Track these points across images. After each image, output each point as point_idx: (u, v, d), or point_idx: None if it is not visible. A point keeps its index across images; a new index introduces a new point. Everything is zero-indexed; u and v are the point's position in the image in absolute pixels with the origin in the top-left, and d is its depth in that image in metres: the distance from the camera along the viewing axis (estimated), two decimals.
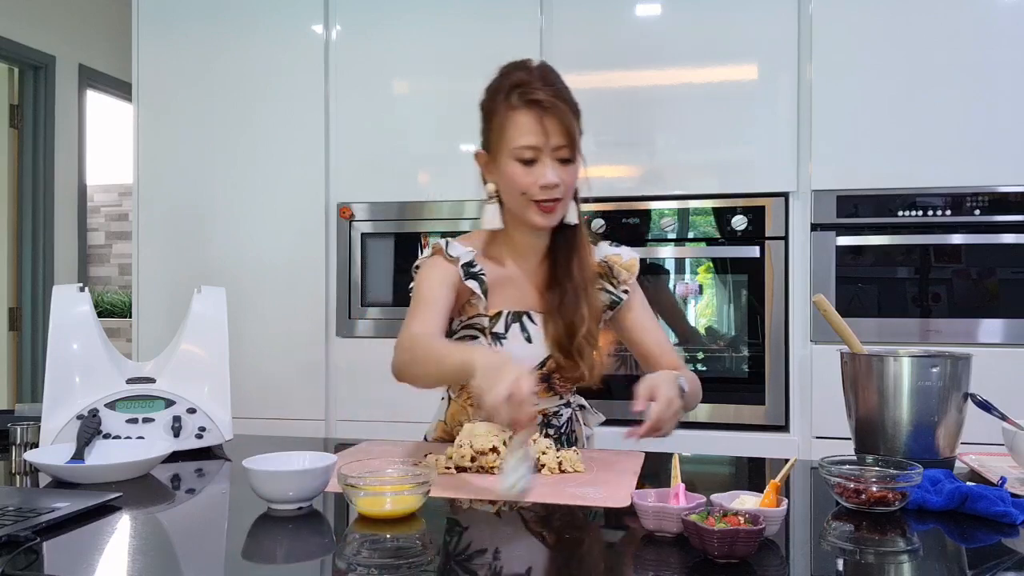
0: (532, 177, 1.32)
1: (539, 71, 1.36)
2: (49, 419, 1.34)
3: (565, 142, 1.32)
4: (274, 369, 2.56)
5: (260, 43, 2.61)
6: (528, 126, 1.31)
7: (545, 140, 1.31)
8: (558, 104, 1.31)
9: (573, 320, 1.39)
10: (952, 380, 1.19)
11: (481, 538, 0.93)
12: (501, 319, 1.42)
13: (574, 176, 1.35)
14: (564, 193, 1.34)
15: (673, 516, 0.89)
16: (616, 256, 1.48)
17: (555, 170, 1.32)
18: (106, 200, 6.64)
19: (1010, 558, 0.90)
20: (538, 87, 1.32)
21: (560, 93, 1.33)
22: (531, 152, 1.32)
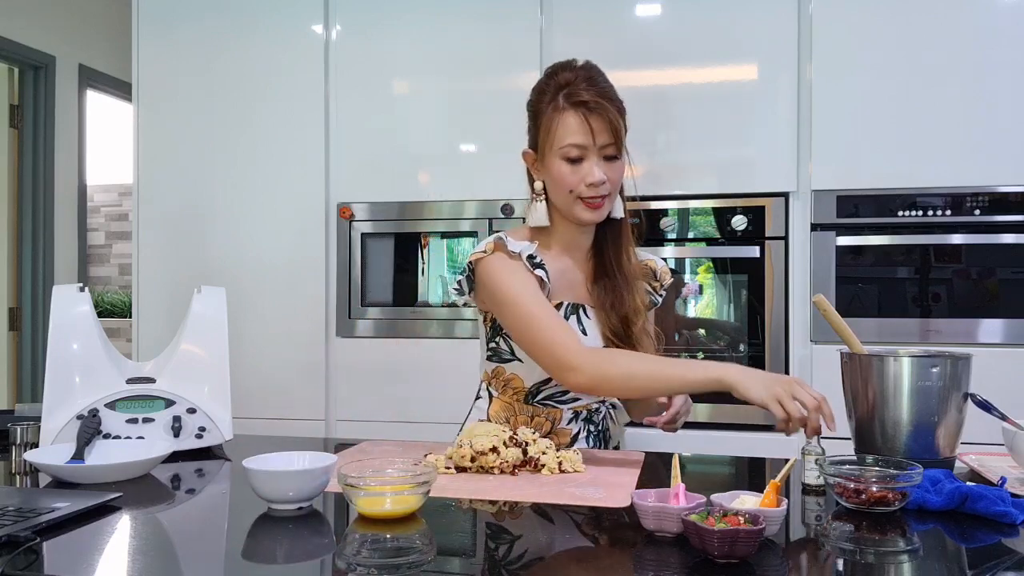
0: (579, 175, 1.37)
1: (584, 71, 1.40)
2: (49, 419, 1.34)
3: (611, 140, 1.36)
4: (274, 369, 2.56)
5: (260, 43, 2.61)
6: (575, 126, 1.36)
7: (591, 139, 1.36)
8: (603, 103, 1.35)
9: (627, 313, 1.43)
10: (952, 380, 1.19)
11: (481, 538, 0.93)
12: (561, 310, 1.45)
13: (620, 172, 1.40)
14: (610, 190, 1.39)
15: (673, 516, 0.89)
16: (652, 260, 1.56)
17: (601, 168, 1.37)
18: (106, 200, 6.64)
19: (1010, 558, 0.90)
20: (583, 87, 1.36)
21: (605, 92, 1.37)
22: (578, 151, 1.37)
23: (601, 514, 1.03)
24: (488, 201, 2.45)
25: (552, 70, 1.43)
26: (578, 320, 1.45)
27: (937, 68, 2.19)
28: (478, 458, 1.22)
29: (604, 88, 1.39)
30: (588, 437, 1.48)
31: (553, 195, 1.43)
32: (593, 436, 1.49)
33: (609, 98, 1.37)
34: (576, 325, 1.44)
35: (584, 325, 1.45)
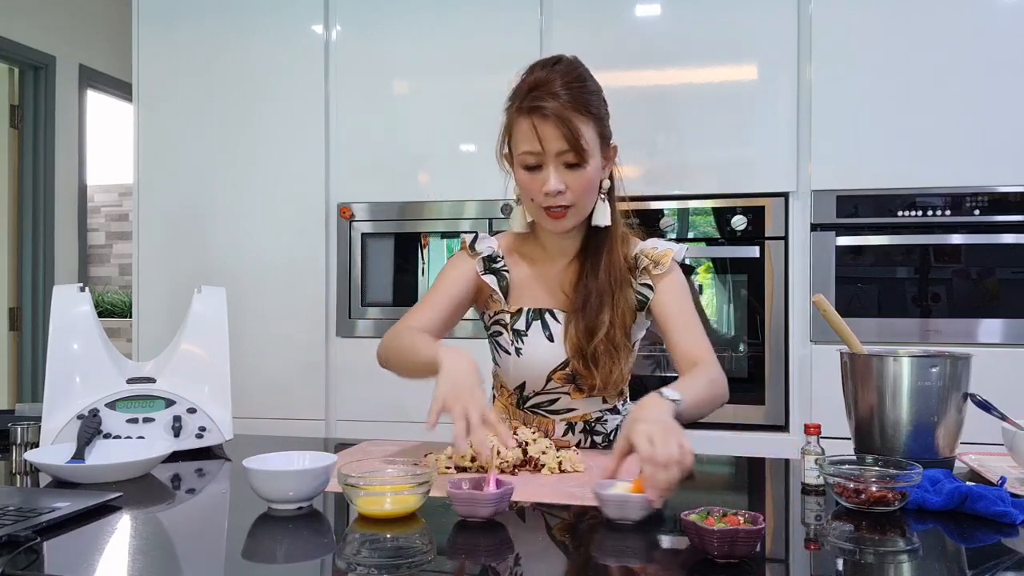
0: (537, 183, 1.30)
1: (561, 70, 1.30)
2: (49, 419, 1.34)
3: (566, 147, 1.26)
4: (274, 369, 2.56)
5: (260, 43, 2.61)
6: (528, 133, 1.28)
7: (542, 147, 1.27)
8: (561, 109, 1.25)
9: (593, 324, 1.35)
10: (952, 380, 1.19)
11: (480, 538, 0.93)
12: (522, 316, 1.41)
13: (584, 180, 1.29)
14: (574, 199, 1.30)
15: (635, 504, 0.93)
16: (651, 249, 1.42)
17: (559, 176, 1.28)
18: (106, 200, 6.64)
19: (1010, 558, 0.90)
20: (548, 91, 1.26)
21: (576, 95, 1.27)
22: (533, 158, 1.29)
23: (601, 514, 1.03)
24: (488, 201, 2.45)
25: (529, 68, 1.34)
26: (543, 325, 1.40)
27: (937, 68, 2.19)
28: (478, 458, 1.23)
29: (575, 91, 1.27)
30: (595, 447, 1.45)
31: (523, 201, 1.38)
32: (602, 447, 1.45)
33: (578, 102, 1.27)
34: (541, 331, 1.40)
35: (551, 330, 1.40)
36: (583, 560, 0.89)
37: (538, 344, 1.40)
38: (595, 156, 1.30)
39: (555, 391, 1.42)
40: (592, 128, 1.30)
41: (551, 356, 1.39)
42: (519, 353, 1.41)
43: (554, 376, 1.40)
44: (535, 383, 1.42)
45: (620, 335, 1.37)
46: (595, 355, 1.35)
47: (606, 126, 1.34)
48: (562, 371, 1.40)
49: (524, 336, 1.41)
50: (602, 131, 1.33)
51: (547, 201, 1.30)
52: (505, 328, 1.42)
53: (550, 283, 1.43)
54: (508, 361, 1.43)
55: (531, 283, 1.43)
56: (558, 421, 1.44)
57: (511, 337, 1.41)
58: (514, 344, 1.41)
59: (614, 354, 1.36)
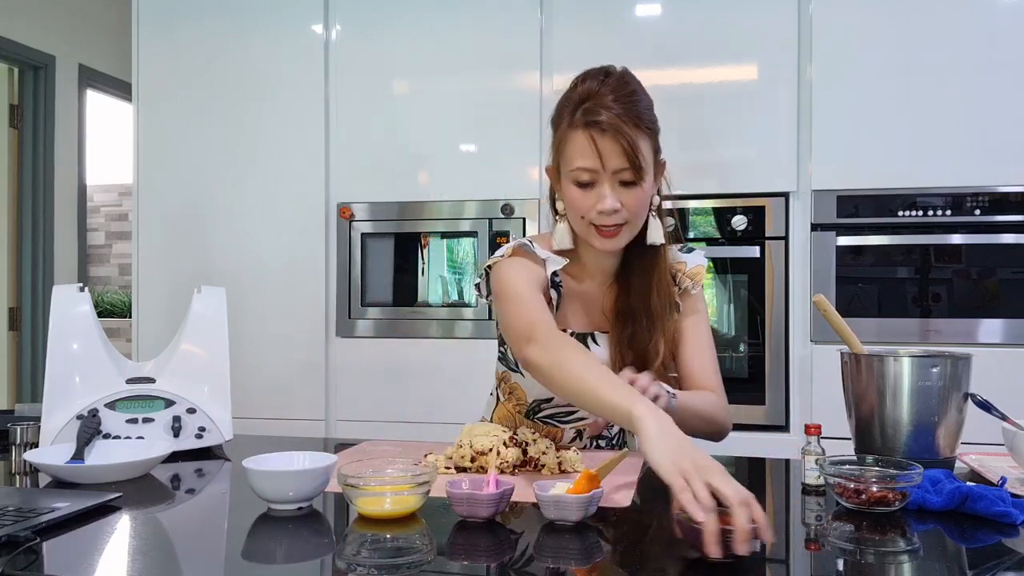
0: (590, 201, 1.24)
1: (612, 84, 1.25)
2: (49, 419, 1.34)
3: (625, 165, 1.21)
4: (274, 369, 2.56)
5: (260, 43, 2.61)
6: (584, 148, 1.22)
7: (600, 163, 1.22)
8: (620, 124, 1.20)
9: (647, 352, 1.29)
10: (952, 380, 1.19)
11: (480, 538, 0.93)
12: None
13: (640, 199, 1.24)
14: (629, 217, 1.25)
15: (571, 505, 0.93)
16: (681, 263, 1.37)
17: (615, 194, 1.23)
18: (106, 200, 6.64)
19: (1010, 558, 0.90)
20: (602, 104, 1.21)
21: (630, 109, 1.22)
22: (588, 175, 1.24)
23: (601, 514, 1.03)
24: (488, 201, 2.45)
25: (578, 79, 1.29)
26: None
27: (937, 68, 2.19)
28: (478, 458, 1.22)
29: (629, 105, 1.22)
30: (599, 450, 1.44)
31: (569, 218, 1.31)
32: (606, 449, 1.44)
33: (633, 116, 1.22)
34: None
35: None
36: (583, 560, 0.89)
37: None
38: (649, 173, 1.25)
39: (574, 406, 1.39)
40: (648, 143, 1.25)
41: None
42: None
43: None
44: (561, 402, 1.39)
45: (670, 358, 1.32)
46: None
47: (657, 137, 1.30)
48: None
49: None
50: (656, 146, 1.28)
51: (600, 219, 1.25)
52: None
53: (590, 303, 1.38)
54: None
55: (574, 301, 1.37)
56: (567, 429, 1.44)
57: None
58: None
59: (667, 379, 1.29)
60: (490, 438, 1.23)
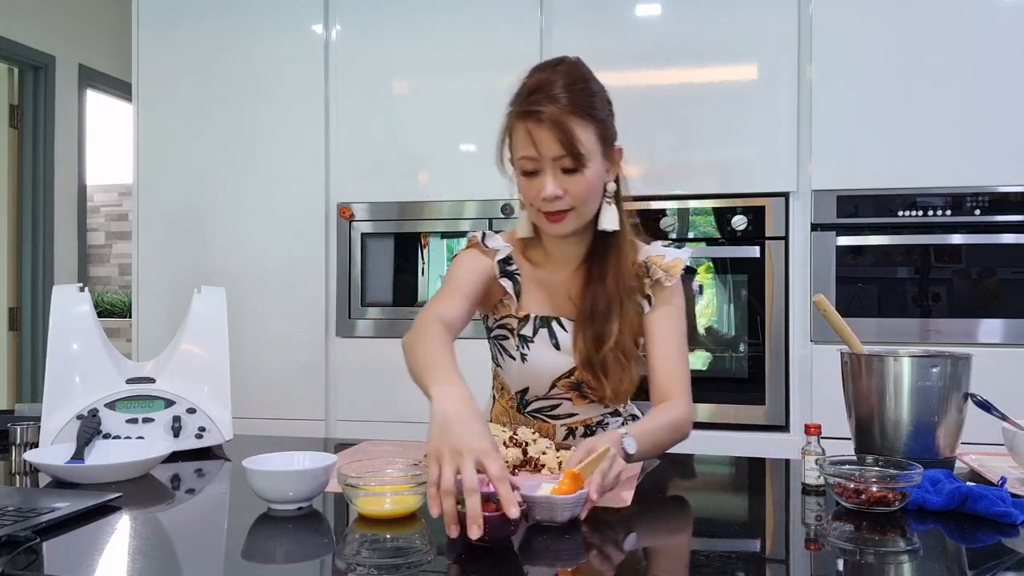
0: (535, 188, 1.27)
1: (561, 72, 1.27)
2: (49, 419, 1.34)
3: (562, 153, 1.23)
4: (274, 369, 2.56)
5: (260, 43, 2.61)
6: (524, 138, 1.25)
7: (539, 151, 1.25)
8: (558, 113, 1.22)
9: (602, 332, 1.32)
10: (952, 380, 1.19)
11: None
12: (530, 322, 1.39)
13: (583, 185, 1.26)
14: (573, 203, 1.28)
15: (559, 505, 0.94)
16: (658, 256, 1.39)
17: (556, 181, 1.25)
18: (106, 200, 6.64)
19: (1010, 558, 0.90)
20: (545, 95, 1.24)
21: (572, 98, 1.24)
22: (531, 163, 1.27)
23: (602, 514, 1.03)
24: (488, 201, 2.45)
25: (531, 70, 1.31)
26: (550, 333, 1.38)
27: (937, 68, 2.19)
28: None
29: (572, 93, 1.24)
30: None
31: (525, 206, 1.34)
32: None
33: (574, 104, 1.23)
34: (548, 338, 1.38)
35: (558, 338, 1.38)
36: (583, 559, 0.89)
37: (544, 352, 1.38)
38: (595, 160, 1.27)
39: (558, 397, 1.41)
40: (592, 131, 1.26)
41: (557, 364, 1.37)
42: (524, 359, 1.39)
43: (558, 383, 1.39)
44: (538, 389, 1.41)
45: (629, 343, 1.34)
46: (604, 364, 1.32)
47: (609, 128, 1.31)
48: (567, 379, 1.38)
49: (530, 343, 1.39)
50: (604, 134, 1.29)
51: (545, 206, 1.28)
52: (511, 333, 1.40)
53: (556, 289, 1.40)
54: (513, 366, 1.41)
55: (539, 287, 1.41)
56: (559, 426, 1.44)
57: (517, 342, 1.39)
58: (520, 350, 1.39)
59: (624, 363, 1.32)
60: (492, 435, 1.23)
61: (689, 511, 1.14)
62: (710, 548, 0.91)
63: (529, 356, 1.38)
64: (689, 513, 1.12)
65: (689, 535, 1.00)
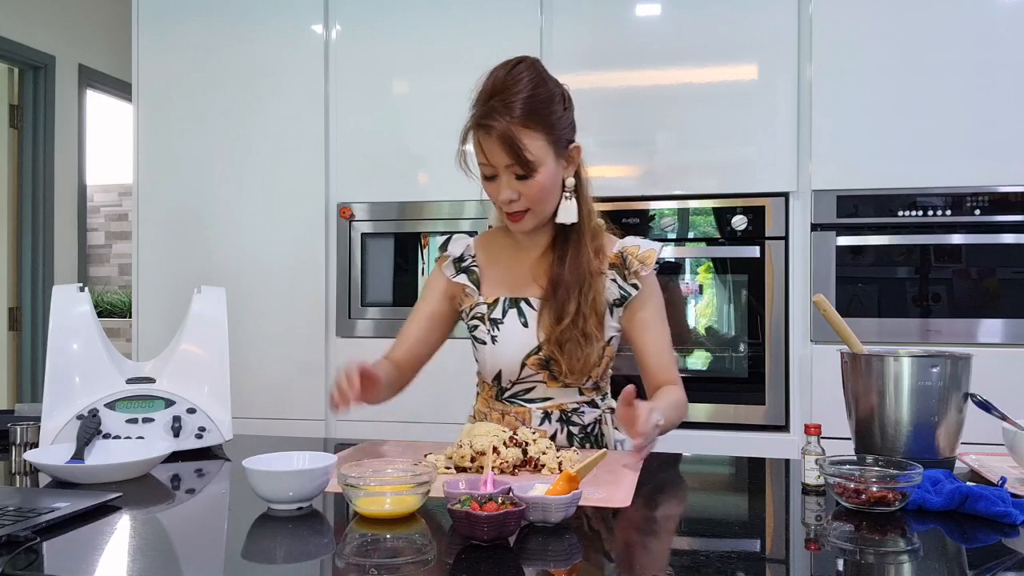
0: (493, 190, 1.38)
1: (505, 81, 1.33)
2: (49, 419, 1.34)
3: (511, 161, 1.32)
4: (274, 369, 2.56)
5: (260, 43, 2.61)
6: (478, 147, 1.35)
7: (490, 161, 1.34)
8: (505, 126, 1.29)
9: (561, 313, 1.40)
10: (952, 380, 1.19)
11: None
12: (499, 305, 1.47)
13: (535, 188, 1.35)
14: (528, 204, 1.37)
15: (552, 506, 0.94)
16: (633, 247, 1.47)
17: (511, 186, 1.35)
18: (106, 200, 6.64)
19: (1010, 558, 0.90)
20: (500, 101, 1.31)
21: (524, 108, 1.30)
22: (487, 169, 1.36)
23: (602, 514, 1.03)
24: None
25: (490, 72, 1.38)
26: (519, 312, 1.46)
27: (937, 68, 2.19)
28: (478, 458, 1.22)
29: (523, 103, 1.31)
30: (571, 438, 1.46)
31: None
32: (578, 438, 1.46)
33: (524, 115, 1.30)
34: (517, 317, 1.46)
35: (526, 316, 1.45)
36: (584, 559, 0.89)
37: (513, 330, 1.45)
38: (546, 164, 1.34)
39: (530, 379, 1.46)
40: (541, 138, 1.33)
41: (525, 341, 1.44)
42: (495, 340, 1.45)
43: (528, 362, 1.44)
44: (511, 371, 1.46)
45: (591, 325, 1.40)
46: (561, 341, 1.39)
47: (561, 131, 1.37)
48: (535, 356, 1.43)
49: (501, 324, 1.46)
50: (555, 138, 1.35)
51: (504, 208, 1.39)
52: (482, 320, 1.48)
53: (524, 274, 1.49)
54: (485, 351, 1.47)
55: (507, 274, 1.49)
56: (534, 410, 1.46)
57: (488, 327, 1.47)
58: (491, 333, 1.46)
59: (581, 342, 1.39)
60: (489, 438, 1.23)
61: (689, 511, 1.14)
62: (710, 548, 0.91)
63: (499, 337, 1.45)
64: (689, 513, 1.12)
65: (689, 535, 1.00)
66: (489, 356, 1.47)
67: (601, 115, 2.37)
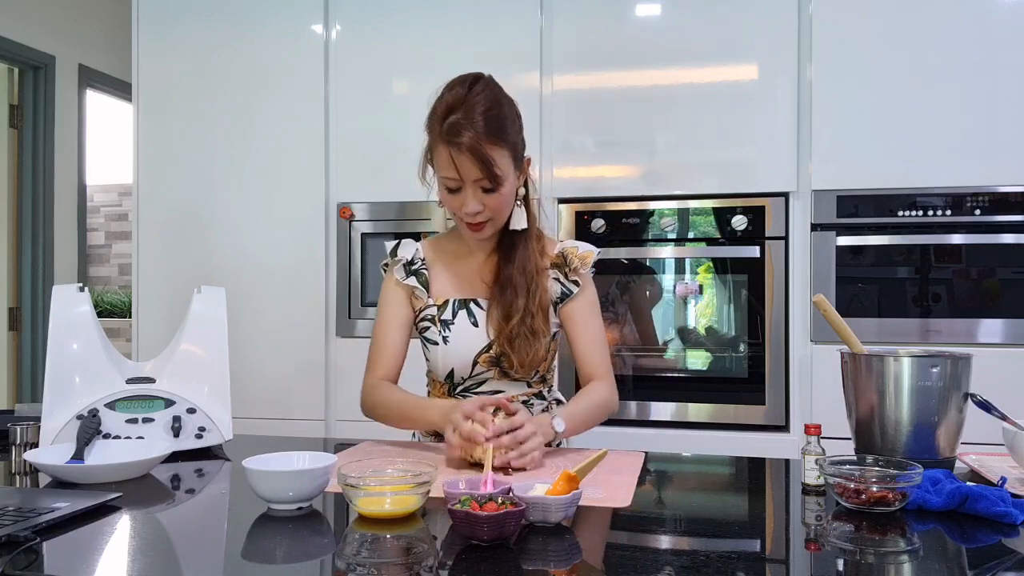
0: (457, 202, 1.41)
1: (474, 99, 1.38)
2: (49, 419, 1.34)
3: (481, 175, 1.36)
4: (274, 369, 2.56)
5: (260, 43, 2.61)
6: (447, 162, 1.38)
7: (461, 176, 1.37)
8: (477, 143, 1.34)
9: (509, 310, 1.46)
10: (952, 380, 1.19)
11: None
12: (448, 307, 1.51)
13: (500, 200, 1.40)
14: (491, 215, 1.42)
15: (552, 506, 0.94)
16: (573, 248, 1.54)
17: (476, 198, 1.39)
18: (106, 200, 6.64)
19: (1010, 558, 0.90)
20: (464, 120, 1.35)
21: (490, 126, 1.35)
22: (453, 183, 1.40)
23: (602, 514, 1.03)
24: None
25: (447, 86, 1.44)
26: (468, 312, 1.50)
27: (937, 68, 2.19)
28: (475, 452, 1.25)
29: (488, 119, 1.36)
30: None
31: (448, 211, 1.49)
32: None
33: (491, 133, 1.35)
34: (466, 317, 1.50)
35: (475, 316, 1.50)
36: (583, 559, 0.89)
37: (464, 330, 1.49)
38: (509, 178, 1.40)
39: (481, 376, 1.51)
40: (506, 154, 1.39)
41: (476, 340, 1.48)
42: (446, 341, 1.49)
43: (480, 360, 1.49)
44: (463, 369, 1.50)
45: (539, 321, 1.47)
46: (511, 337, 1.45)
47: (520, 146, 1.44)
48: (487, 354, 1.48)
49: (451, 325, 1.50)
50: (516, 153, 1.42)
51: (467, 219, 1.42)
52: (433, 321, 1.51)
53: (472, 275, 1.54)
54: (437, 352, 1.51)
55: (455, 277, 1.54)
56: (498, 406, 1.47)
57: (439, 328, 1.50)
58: (442, 333, 1.50)
59: (530, 337, 1.45)
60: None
61: (689, 511, 1.14)
62: (710, 548, 0.91)
63: (451, 338, 1.49)
64: (689, 513, 1.12)
65: (689, 535, 1.00)
66: (441, 356, 1.50)
67: (601, 115, 2.37)
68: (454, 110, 1.38)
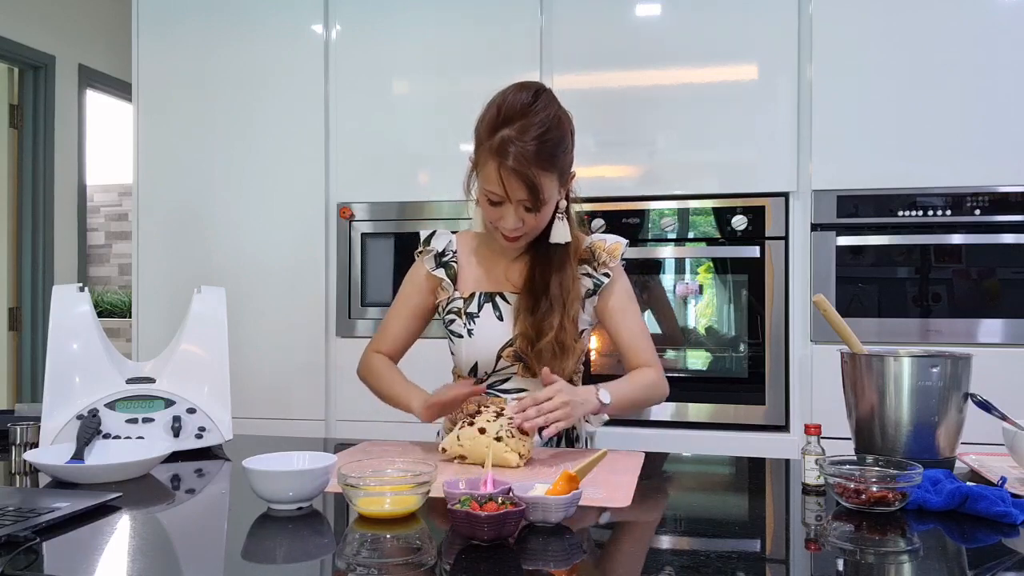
0: (498, 215, 1.41)
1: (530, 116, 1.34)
2: (49, 419, 1.34)
3: (526, 196, 1.36)
4: (274, 369, 2.56)
5: (260, 43, 2.61)
6: (494, 177, 1.36)
7: (507, 194, 1.37)
8: (527, 166, 1.33)
9: (542, 327, 1.44)
10: (952, 380, 1.19)
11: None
12: (475, 300, 1.52)
13: (540, 219, 1.41)
14: (528, 231, 1.43)
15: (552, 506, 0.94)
16: (600, 241, 1.54)
17: (517, 216, 1.39)
18: (106, 200, 6.64)
19: (1010, 558, 0.90)
20: (515, 137, 1.33)
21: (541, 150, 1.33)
22: (496, 197, 1.39)
23: (602, 514, 1.03)
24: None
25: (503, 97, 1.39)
26: (494, 306, 1.51)
27: (937, 68, 2.19)
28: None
29: (542, 143, 1.34)
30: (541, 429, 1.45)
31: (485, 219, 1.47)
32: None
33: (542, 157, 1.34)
34: (492, 311, 1.50)
35: (501, 311, 1.50)
36: (584, 559, 0.89)
37: (489, 323, 1.49)
38: (553, 198, 1.41)
39: (506, 370, 1.51)
40: (554, 179, 1.39)
41: (501, 334, 1.48)
42: (471, 334, 1.50)
43: (504, 354, 1.49)
44: (487, 363, 1.50)
45: (568, 337, 1.45)
46: (540, 354, 1.44)
47: (568, 167, 1.43)
48: (510, 348, 1.48)
49: (476, 318, 1.50)
50: (563, 175, 1.42)
51: (504, 231, 1.43)
52: (458, 314, 1.52)
53: (500, 273, 1.54)
54: (461, 344, 1.51)
55: (483, 272, 1.55)
56: (510, 400, 1.45)
57: (464, 320, 1.51)
58: (467, 326, 1.50)
59: (559, 354, 1.44)
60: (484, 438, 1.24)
61: (689, 511, 1.14)
62: (710, 548, 0.91)
63: (475, 330, 1.50)
64: (689, 513, 1.12)
65: (689, 535, 1.00)
66: (465, 348, 1.51)
67: (601, 115, 2.37)
68: (510, 122, 1.35)
